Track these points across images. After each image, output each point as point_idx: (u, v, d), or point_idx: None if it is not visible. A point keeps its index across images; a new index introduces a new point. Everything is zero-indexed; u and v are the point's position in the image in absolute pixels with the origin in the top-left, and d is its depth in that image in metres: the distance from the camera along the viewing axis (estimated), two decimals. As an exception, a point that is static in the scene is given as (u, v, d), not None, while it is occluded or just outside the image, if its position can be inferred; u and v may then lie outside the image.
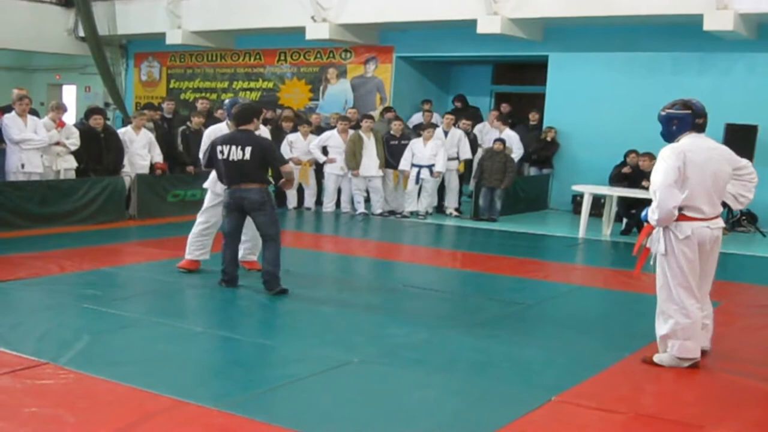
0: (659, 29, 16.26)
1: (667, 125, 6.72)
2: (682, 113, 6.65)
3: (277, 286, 8.76)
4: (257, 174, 8.77)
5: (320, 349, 6.84)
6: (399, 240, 13.77)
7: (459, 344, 7.25)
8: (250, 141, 8.68)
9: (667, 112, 6.74)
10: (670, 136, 6.71)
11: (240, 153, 8.62)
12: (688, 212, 6.49)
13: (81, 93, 24.87)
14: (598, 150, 16.84)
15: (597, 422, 5.44)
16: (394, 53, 19.99)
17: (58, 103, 14.12)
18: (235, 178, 8.75)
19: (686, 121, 6.63)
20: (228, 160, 8.69)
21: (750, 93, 15.45)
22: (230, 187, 8.83)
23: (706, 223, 6.54)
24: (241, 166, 8.66)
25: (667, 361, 6.70)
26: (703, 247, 6.57)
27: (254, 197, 8.73)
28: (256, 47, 21.78)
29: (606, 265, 12.06)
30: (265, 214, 8.81)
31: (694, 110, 6.65)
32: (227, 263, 9.01)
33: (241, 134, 8.77)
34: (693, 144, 6.54)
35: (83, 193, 13.22)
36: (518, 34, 16.99)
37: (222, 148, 8.74)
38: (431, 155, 15.76)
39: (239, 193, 8.75)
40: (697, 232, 6.50)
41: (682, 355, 6.64)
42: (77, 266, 9.92)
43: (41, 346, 6.53)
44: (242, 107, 9.10)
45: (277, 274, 8.80)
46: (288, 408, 5.51)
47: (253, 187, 8.73)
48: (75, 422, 5.04)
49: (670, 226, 6.51)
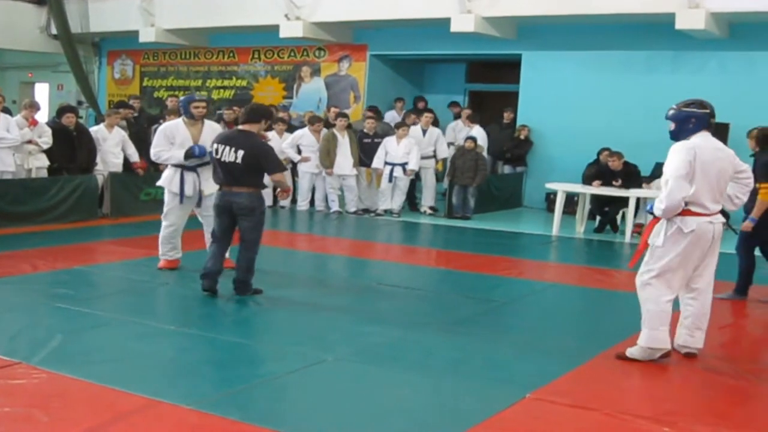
0: (632, 28, 16.33)
1: (684, 123, 6.75)
2: (701, 112, 6.75)
3: (247, 292, 8.53)
4: (249, 178, 8.32)
5: (294, 348, 6.83)
6: (373, 238, 13.77)
7: (433, 342, 7.26)
8: (244, 144, 8.24)
9: (683, 110, 6.78)
10: (683, 133, 6.76)
11: (232, 155, 8.20)
12: (693, 207, 6.59)
13: (54, 91, 24.74)
14: (571, 148, 16.90)
15: (571, 419, 5.46)
16: (368, 51, 19.99)
17: (31, 102, 14.03)
18: (226, 180, 8.36)
19: (704, 120, 6.74)
20: (220, 161, 8.31)
21: (722, 91, 15.47)
22: (221, 188, 8.47)
23: (708, 218, 6.65)
24: (232, 168, 8.24)
25: (638, 354, 6.76)
26: (704, 242, 6.67)
27: (243, 202, 8.31)
28: (230, 45, 21.73)
29: (580, 262, 12.10)
30: (252, 220, 8.41)
31: (711, 110, 6.78)
32: (210, 257, 8.62)
33: (239, 135, 8.40)
34: (703, 143, 6.66)
35: (56, 191, 13.14)
36: (492, 33, 17.03)
37: (217, 147, 8.36)
38: (404, 153, 15.77)
39: (228, 197, 8.36)
40: (700, 228, 6.61)
41: (650, 345, 6.71)
42: (50, 265, 9.87)
43: (14, 346, 6.49)
44: (253, 105, 8.87)
45: (248, 281, 8.54)
46: (262, 406, 5.51)
47: (243, 191, 8.31)
48: (48, 421, 5.01)
49: (676, 220, 6.60)
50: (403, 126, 16.06)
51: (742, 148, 13.24)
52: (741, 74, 15.67)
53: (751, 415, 5.81)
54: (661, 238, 6.68)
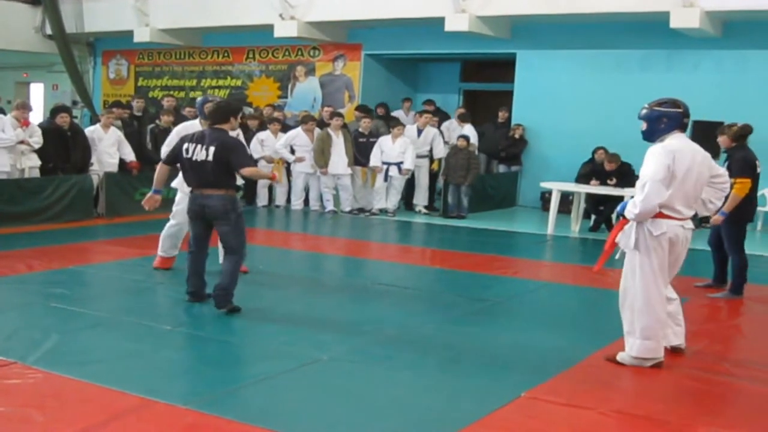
0: (627, 26, 16.35)
1: (656, 122, 6.60)
2: (673, 111, 6.58)
3: (227, 304, 7.90)
4: (221, 178, 7.82)
5: (290, 347, 6.84)
6: (368, 238, 13.77)
7: (429, 341, 7.27)
8: (215, 141, 7.79)
9: (655, 109, 6.63)
10: (655, 133, 6.63)
11: (203, 153, 7.76)
12: (666, 211, 6.47)
13: (49, 91, 24.72)
14: (566, 147, 16.93)
15: (566, 418, 5.47)
16: (363, 51, 20.00)
17: (22, 102, 14.02)
18: (197, 181, 7.90)
19: (676, 119, 6.57)
20: (191, 160, 7.84)
21: (716, 90, 15.57)
22: (192, 190, 7.99)
23: (680, 222, 6.55)
24: (203, 167, 7.77)
25: (629, 361, 6.70)
26: (675, 246, 6.59)
27: (215, 204, 7.82)
28: (225, 45, 21.72)
29: (575, 261, 12.11)
30: (228, 223, 7.89)
31: (684, 110, 6.61)
32: (190, 274, 8.19)
33: (211, 132, 7.91)
34: (680, 145, 6.50)
35: (51, 191, 13.14)
36: (486, 32, 17.04)
37: (188, 146, 7.91)
38: (400, 153, 15.78)
39: (200, 200, 7.89)
40: (671, 231, 6.50)
41: (641, 354, 6.63)
42: (45, 265, 9.87)
43: (9, 346, 6.50)
44: (219, 104, 8.41)
45: (230, 291, 7.94)
46: (257, 406, 5.51)
47: (215, 193, 7.82)
48: (43, 421, 5.01)
49: (645, 222, 6.49)
50: (398, 125, 16.07)
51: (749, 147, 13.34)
52: (735, 73, 15.70)
53: (745, 415, 5.82)
54: (632, 240, 6.57)
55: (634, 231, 6.58)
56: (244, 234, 8.15)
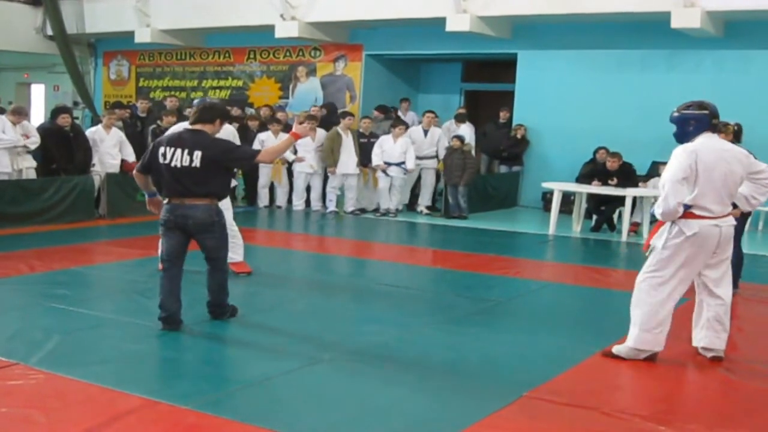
0: (628, 27, 16.35)
1: (684, 126, 6.69)
2: (700, 114, 6.65)
3: (224, 315, 7.60)
4: (207, 186, 7.12)
5: (291, 347, 6.84)
6: (370, 238, 13.77)
7: (430, 342, 7.27)
8: (199, 144, 7.04)
9: (682, 113, 6.72)
10: (685, 136, 6.69)
11: (186, 158, 6.99)
12: (697, 211, 6.53)
13: (50, 92, 24.71)
14: (567, 147, 16.93)
15: (568, 418, 5.46)
16: (364, 51, 19.98)
17: (17, 108, 13.94)
18: (177, 190, 7.10)
19: (704, 121, 6.64)
20: (170, 167, 7.04)
21: (717, 90, 15.48)
22: (170, 200, 7.18)
23: (714, 221, 6.58)
24: (187, 174, 7.01)
25: (625, 352, 6.78)
26: (709, 245, 6.60)
27: (201, 216, 7.11)
28: (226, 45, 21.70)
29: (576, 261, 12.10)
30: (214, 237, 7.26)
31: (711, 111, 6.68)
32: (164, 294, 7.27)
33: (191, 135, 7.16)
34: (705, 144, 6.56)
35: (53, 192, 13.15)
36: (487, 32, 17.03)
37: (165, 151, 7.08)
38: (401, 153, 15.79)
39: (182, 210, 7.11)
40: (704, 230, 6.54)
41: (637, 345, 6.73)
42: (47, 266, 9.87)
43: (11, 347, 6.50)
44: (205, 104, 7.63)
45: (224, 303, 7.59)
46: (259, 406, 5.51)
47: (199, 203, 7.10)
48: (45, 422, 5.01)
49: (678, 222, 6.55)
50: (399, 125, 16.08)
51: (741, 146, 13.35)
52: (736, 73, 15.67)
53: (748, 413, 5.81)
54: (663, 239, 6.64)
55: (666, 231, 6.66)
56: (228, 244, 7.73)
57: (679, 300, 6.82)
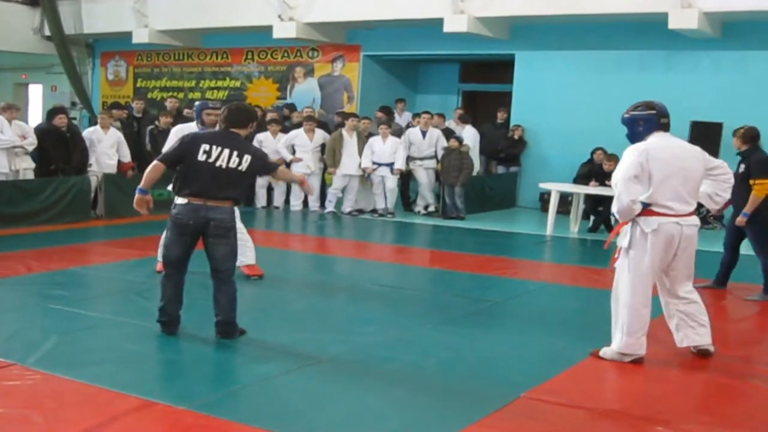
0: (625, 27, 16.36)
1: (634, 126, 6.78)
2: (647, 114, 6.73)
3: (235, 334, 7.07)
4: (239, 189, 7.05)
5: (290, 348, 6.84)
6: (367, 238, 13.78)
7: (428, 342, 7.27)
8: (248, 149, 6.98)
9: (631, 114, 6.81)
10: (636, 136, 6.77)
11: (236, 160, 6.82)
12: (656, 208, 6.56)
13: (47, 92, 24.68)
14: (565, 148, 16.94)
15: (566, 418, 5.46)
16: (362, 52, 19.99)
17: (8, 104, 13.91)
18: (208, 190, 6.81)
19: (652, 121, 6.70)
20: (213, 165, 6.79)
21: (715, 91, 15.58)
22: (194, 199, 6.84)
23: (675, 219, 6.59)
24: (230, 176, 6.82)
25: (610, 355, 6.81)
26: (671, 243, 6.62)
27: (223, 218, 6.85)
28: (224, 46, 21.71)
29: (574, 262, 12.11)
30: (228, 243, 6.93)
31: (658, 110, 6.74)
32: (167, 300, 7.05)
33: (235, 137, 6.96)
34: (658, 143, 6.62)
35: (50, 193, 13.15)
36: (485, 33, 17.04)
37: (208, 148, 6.82)
38: (391, 153, 15.82)
39: (205, 212, 6.80)
40: (664, 228, 6.55)
41: (623, 350, 6.74)
42: (44, 266, 9.87)
43: (8, 347, 6.49)
44: (240, 107, 7.30)
45: (235, 322, 7.09)
46: (257, 407, 5.51)
47: (223, 205, 6.86)
48: (43, 423, 5.01)
49: (638, 220, 6.59)
50: (383, 125, 16.12)
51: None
52: (734, 74, 15.69)
53: (745, 414, 5.82)
54: (627, 238, 6.69)
55: (629, 229, 6.69)
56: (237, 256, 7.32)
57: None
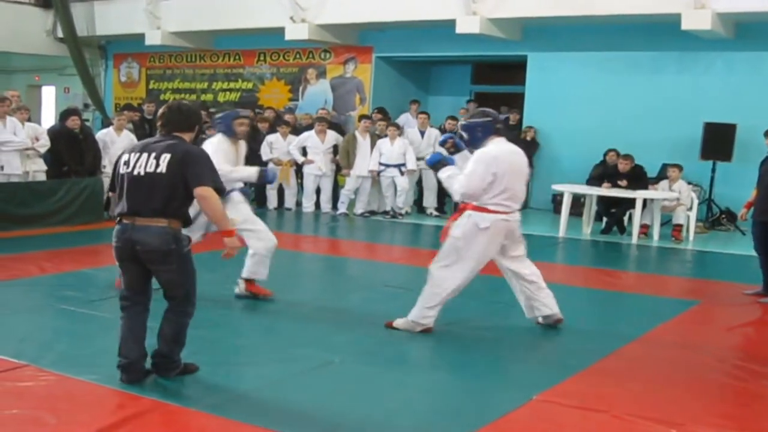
0: (638, 28, 16.31)
1: (473, 133, 7.39)
2: (484, 121, 7.36)
3: (171, 373, 5.95)
4: (169, 201, 5.65)
5: (301, 349, 6.84)
6: (379, 240, 13.78)
7: (440, 343, 7.27)
8: (171, 148, 5.69)
9: (469, 121, 7.47)
10: (476, 141, 7.36)
11: (152, 163, 5.63)
12: (492, 207, 7.21)
13: (60, 94, 24.76)
14: (577, 149, 16.91)
15: (578, 421, 5.45)
16: (374, 53, 20.00)
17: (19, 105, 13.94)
18: (134, 204, 5.66)
19: (489, 127, 7.33)
20: (132, 174, 5.68)
21: (728, 92, 15.53)
22: (124, 218, 5.72)
23: (505, 216, 7.28)
24: (147, 184, 5.63)
25: (403, 325, 7.50)
26: (499, 237, 7.35)
27: (152, 242, 5.62)
28: (236, 48, 21.74)
29: (586, 263, 12.09)
30: (170, 269, 5.75)
31: (494, 117, 7.43)
32: (123, 338, 5.84)
33: (166, 140, 5.80)
34: (499, 149, 7.25)
35: (62, 194, 13.18)
36: (497, 34, 17.02)
37: (128, 157, 5.77)
38: (400, 154, 15.82)
39: (131, 233, 5.66)
40: (495, 224, 7.23)
41: (417, 319, 7.43)
42: (57, 267, 9.89)
43: (22, 348, 6.50)
44: (181, 106, 6.02)
45: (174, 357, 5.96)
46: (269, 408, 5.50)
47: (153, 224, 5.63)
48: (56, 423, 5.02)
49: (473, 215, 7.25)
50: (391, 127, 16.13)
51: (750, 148, 13.33)
52: (747, 75, 15.63)
53: (759, 417, 5.79)
54: (459, 229, 7.30)
55: (463, 222, 7.31)
56: (194, 279, 6.01)
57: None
